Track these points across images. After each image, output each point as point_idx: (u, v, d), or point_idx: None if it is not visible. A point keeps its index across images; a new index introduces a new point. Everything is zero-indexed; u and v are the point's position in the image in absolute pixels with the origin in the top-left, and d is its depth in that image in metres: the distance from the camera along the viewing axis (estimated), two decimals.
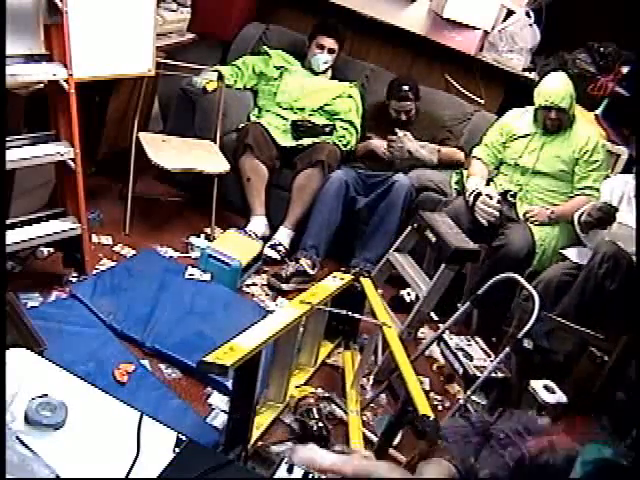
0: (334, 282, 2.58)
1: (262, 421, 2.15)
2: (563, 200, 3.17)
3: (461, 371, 2.43)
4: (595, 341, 2.56)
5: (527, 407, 2.26)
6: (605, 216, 2.80)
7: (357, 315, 2.45)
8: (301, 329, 2.46)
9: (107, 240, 2.97)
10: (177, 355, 2.35)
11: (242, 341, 1.79)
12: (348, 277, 2.68)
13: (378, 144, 3.48)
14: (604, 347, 2.54)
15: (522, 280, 2.39)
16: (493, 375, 2.28)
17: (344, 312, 2.39)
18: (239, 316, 2.64)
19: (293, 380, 2.35)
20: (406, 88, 3.45)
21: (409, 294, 3.12)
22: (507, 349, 2.25)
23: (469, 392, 2.27)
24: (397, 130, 3.44)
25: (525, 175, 3.20)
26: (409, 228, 2.78)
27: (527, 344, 2.37)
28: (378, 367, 2.60)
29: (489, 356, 2.49)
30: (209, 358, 1.66)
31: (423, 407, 1.76)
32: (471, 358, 2.45)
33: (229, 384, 2.22)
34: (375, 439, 2.25)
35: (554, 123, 3.14)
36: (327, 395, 2.43)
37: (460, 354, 2.46)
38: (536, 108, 3.17)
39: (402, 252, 2.79)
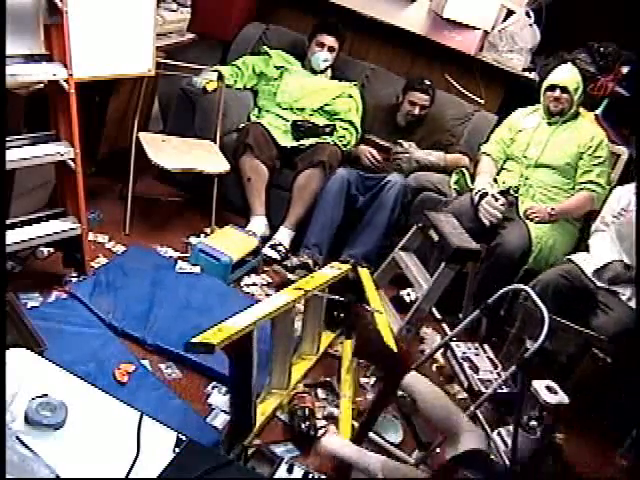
0: (330, 271, 2.60)
1: (267, 408, 2.19)
2: (565, 197, 3.17)
3: (466, 384, 2.41)
4: (597, 342, 2.55)
5: (529, 407, 2.25)
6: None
7: (349, 299, 2.46)
8: (300, 319, 2.50)
9: (107, 240, 2.96)
10: (180, 351, 2.33)
11: (231, 323, 1.84)
12: (345, 266, 2.70)
13: (364, 149, 3.48)
14: (606, 348, 2.53)
15: (532, 293, 2.32)
16: (499, 391, 2.25)
17: (337, 297, 2.42)
18: (236, 308, 2.65)
19: (296, 369, 2.37)
20: (428, 82, 3.50)
21: (409, 294, 3.11)
22: (513, 367, 2.19)
23: (472, 408, 2.22)
24: (401, 141, 3.45)
25: (529, 168, 3.20)
26: (414, 228, 2.79)
27: (529, 345, 2.35)
28: None
29: (496, 367, 2.47)
30: (197, 339, 1.70)
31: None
32: (477, 370, 2.43)
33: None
34: (378, 439, 2.24)
35: (557, 105, 3.16)
36: (327, 379, 2.46)
37: (466, 365, 2.44)
38: (543, 92, 3.20)
39: (408, 251, 2.80)
